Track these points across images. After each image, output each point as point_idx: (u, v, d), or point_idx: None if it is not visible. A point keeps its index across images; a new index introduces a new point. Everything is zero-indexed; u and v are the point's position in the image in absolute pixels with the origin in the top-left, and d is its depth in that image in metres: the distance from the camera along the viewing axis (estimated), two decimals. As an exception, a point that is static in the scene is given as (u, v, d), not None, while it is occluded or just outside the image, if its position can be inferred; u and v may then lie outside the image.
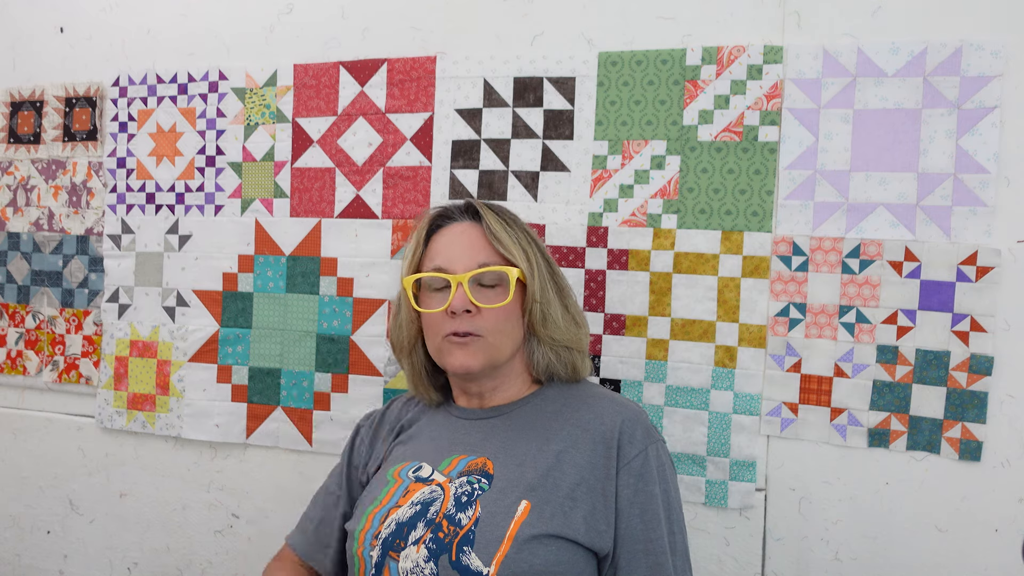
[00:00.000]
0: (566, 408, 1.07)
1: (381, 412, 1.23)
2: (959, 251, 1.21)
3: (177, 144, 1.65)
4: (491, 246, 1.07)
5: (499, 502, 0.97)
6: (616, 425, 1.02)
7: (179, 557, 1.68)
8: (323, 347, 1.55)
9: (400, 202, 1.50)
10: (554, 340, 1.08)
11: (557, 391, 1.11)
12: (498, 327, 1.05)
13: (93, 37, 1.72)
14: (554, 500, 0.97)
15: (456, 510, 0.97)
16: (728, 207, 1.32)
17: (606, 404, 1.07)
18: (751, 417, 1.31)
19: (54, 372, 1.76)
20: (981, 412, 1.20)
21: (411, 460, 1.08)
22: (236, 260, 1.61)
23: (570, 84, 1.40)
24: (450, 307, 1.03)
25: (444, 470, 1.04)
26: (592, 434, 1.02)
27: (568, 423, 1.05)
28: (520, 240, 1.08)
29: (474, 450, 1.05)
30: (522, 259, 1.06)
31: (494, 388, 1.11)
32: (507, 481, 0.99)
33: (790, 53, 1.29)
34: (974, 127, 1.20)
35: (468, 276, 1.04)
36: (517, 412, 1.09)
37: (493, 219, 1.08)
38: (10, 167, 1.79)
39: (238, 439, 1.61)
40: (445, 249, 1.08)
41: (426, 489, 1.01)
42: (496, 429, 1.07)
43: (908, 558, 1.24)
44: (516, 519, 0.95)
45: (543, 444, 1.03)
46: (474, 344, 1.04)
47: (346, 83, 1.53)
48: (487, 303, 1.04)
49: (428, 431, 1.13)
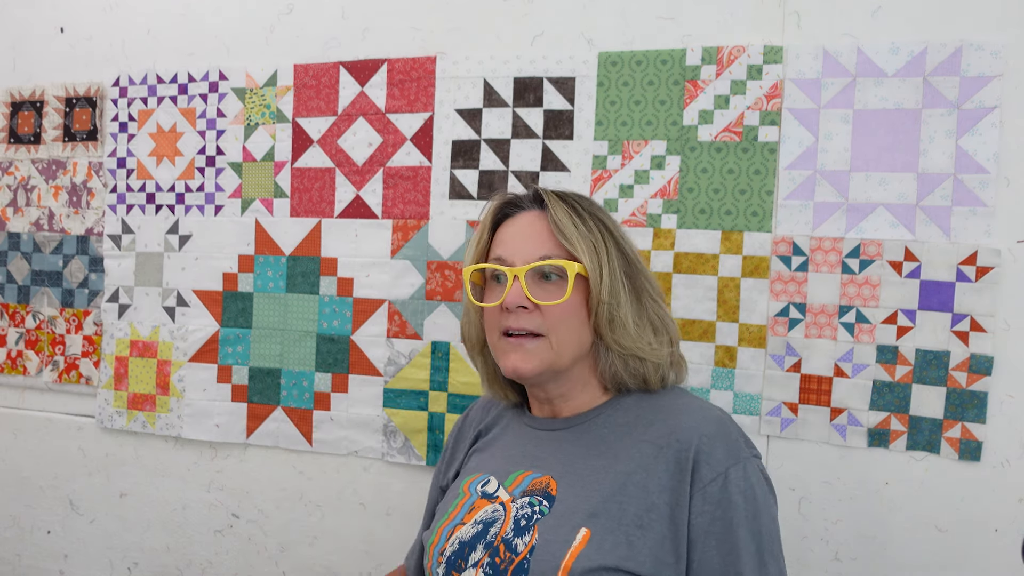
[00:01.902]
0: (640, 421, 0.96)
1: (467, 410, 1.19)
2: (959, 251, 1.21)
3: (177, 144, 1.65)
4: (555, 238, 0.97)
5: (557, 529, 0.89)
6: (692, 442, 0.90)
7: (179, 557, 1.68)
8: (323, 347, 1.55)
9: (400, 202, 1.50)
10: (622, 347, 0.96)
11: (634, 401, 0.99)
12: (559, 326, 0.95)
13: (93, 37, 1.72)
14: (618, 529, 0.87)
15: (514, 534, 0.90)
16: (728, 207, 1.32)
17: (685, 417, 0.94)
18: (751, 417, 1.31)
19: (54, 372, 1.76)
20: (981, 412, 1.20)
21: (482, 472, 1.03)
22: (236, 260, 1.61)
23: (570, 84, 1.40)
24: (504, 302, 0.95)
25: (509, 487, 0.97)
26: (665, 452, 0.91)
27: (640, 440, 0.93)
28: (592, 232, 0.96)
29: (540, 466, 0.97)
30: (588, 253, 0.95)
31: (563, 395, 1.01)
32: (568, 506, 0.91)
33: (790, 53, 1.29)
34: (974, 127, 1.20)
35: (526, 269, 0.95)
36: (587, 425, 0.99)
37: (560, 209, 0.97)
38: (10, 167, 1.79)
39: (238, 439, 1.61)
40: (510, 240, 0.99)
41: (489, 508, 0.95)
42: (564, 443, 0.98)
43: (908, 558, 1.24)
44: (572, 550, 0.86)
45: (610, 463, 0.93)
46: (530, 345, 0.95)
47: (346, 83, 1.53)
48: (545, 299, 0.95)
49: (503, 440, 1.06)
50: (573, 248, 0.95)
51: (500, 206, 1.04)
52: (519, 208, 1.02)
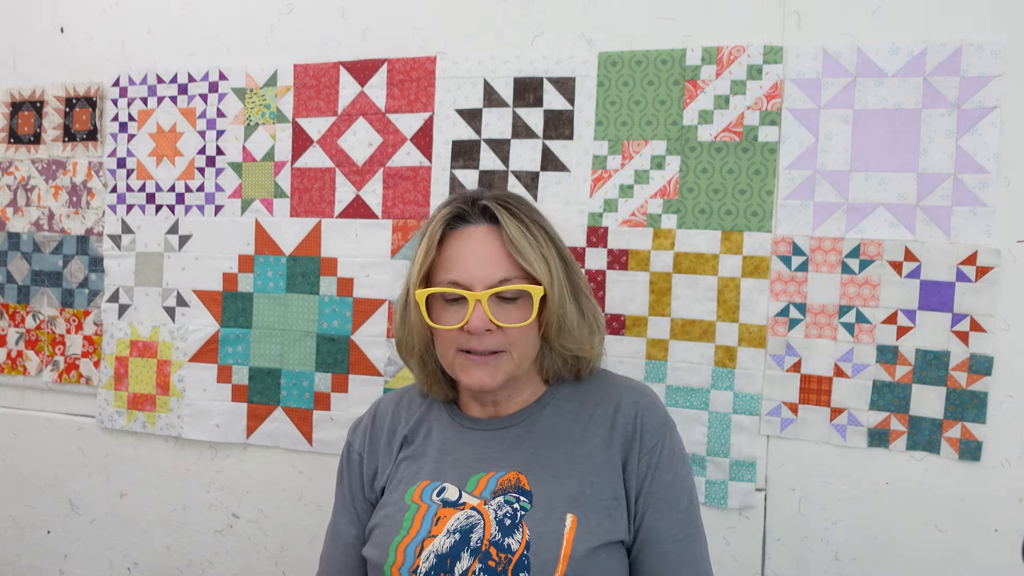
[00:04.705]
0: (584, 407, 1.03)
1: (369, 420, 1.13)
2: (959, 251, 1.21)
3: (177, 144, 1.65)
4: (511, 258, 0.98)
5: (545, 521, 0.93)
6: (635, 415, 1.00)
7: (179, 557, 1.68)
8: (323, 347, 1.55)
9: (400, 202, 1.50)
10: (568, 350, 1.02)
11: (571, 389, 1.06)
12: (519, 342, 0.98)
13: (93, 37, 1.72)
14: (599, 507, 0.94)
15: (502, 535, 0.92)
16: (728, 207, 1.32)
17: (622, 395, 1.03)
18: (751, 417, 1.31)
19: (54, 372, 1.76)
20: (981, 412, 1.20)
21: (429, 480, 1.01)
22: (236, 260, 1.61)
23: (570, 84, 1.40)
24: (468, 326, 0.95)
25: (474, 491, 0.98)
26: (615, 430, 1.00)
27: (591, 422, 1.01)
28: (541, 245, 0.99)
29: (501, 464, 0.99)
30: (543, 272, 0.97)
31: (509, 395, 1.05)
32: (546, 496, 0.95)
33: (790, 53, 1.29)
34: (974, 127, 1.20)
35: (488, 294, 0.95)
36: (537, 417, 1.04)
37: (513, 226, 0.97)
38: (10, 167, 1.79)
39: (238, 439, 1.61)
40: (462, 260, 0.98)
41: (460, 515, 0.95)
42: (520, 439, 1.02)
43: (908, 558, 1.24)
44: (567, 535, 0.91)
45: (572, 449, 0.99)
46: (495, 362, 0.98)
47: (346, 83, 1.53)
48: (508, 321, 0.97)
49: (438, 444, 1.05)
50: (531, 267, 0.97)
51: (448, 220, 1.01)
52: (465, 222, 1.01)
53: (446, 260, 0.99)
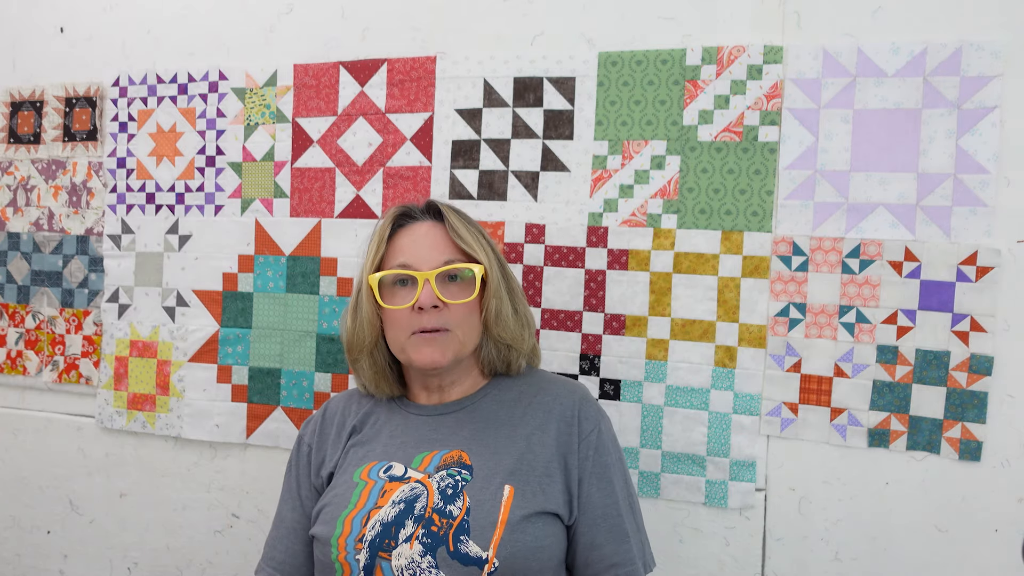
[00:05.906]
0: (524, 395, 1.14)
1: (319, 416, 1.22)
2: (959, 251, 1.21)
3: (177, 144, 1.65)
4: (454, 244, 1.11)
5: (484, 490, 1.02)
6: (573, 404, 1.11)
7: (179, 557, 1.68)
8: (323, 347, 1.55)
9: (400, 202, 1.50)
10: (500, 338, 1.13)
11: (510, 382, 1.17)
12: (463, 322, 1.09)
13: (93, 37, 1.72)
14: (533, 480, 1.04)
15: (444, 503, 1.01)
16: (728, 207, 1.32)
17: (559, 387, 1.15)
18: (751, 417, 1.31)
19: (54, 372, 1.76)
20: (981, 412, 1.20)
21: (378, 460, 1.09)
22: (236, 260, 1.61)
23: (570, 84, 1.40)
24: (418, 303, 1.06)
25: (419, 467, 1.06)
26: (554, 415, 1.10)
27: (530, 408, 1.12)
28: (479, 240, 1.13)
29: (445, 444, 1.09)
30: (483, 256, 1.11)
31: (453, 382, 1.15)
32: (487, 470, 1.04)
33: (790, 53, 1.29)
34: (974, 127, 1.20)
35: (435, 272, 1.07)
36: (478, 404, 1.14)
37: (455, 219, 1.13)
38: (10, 167, 1.79)
39: (238, 439, 1.61)
40: (410, 247, 1.11)
41: (406, 487, 1.03)
42: (462, 422, 1.12)
43: (908, 558, 1.24)
44: (504, 503, 1.00)
45: (511, 431, 1.09)
46: (442, 339, 1.08)
47: (346, 83, 1.53)
48: (453, 299, 1.08)
49: (387, 430, 1.14)
50: (473, 252, 1.10)
51: (395, 218, 1.16)
52: (411, 219, 1.16)
53: (395, 249, 1.13)
